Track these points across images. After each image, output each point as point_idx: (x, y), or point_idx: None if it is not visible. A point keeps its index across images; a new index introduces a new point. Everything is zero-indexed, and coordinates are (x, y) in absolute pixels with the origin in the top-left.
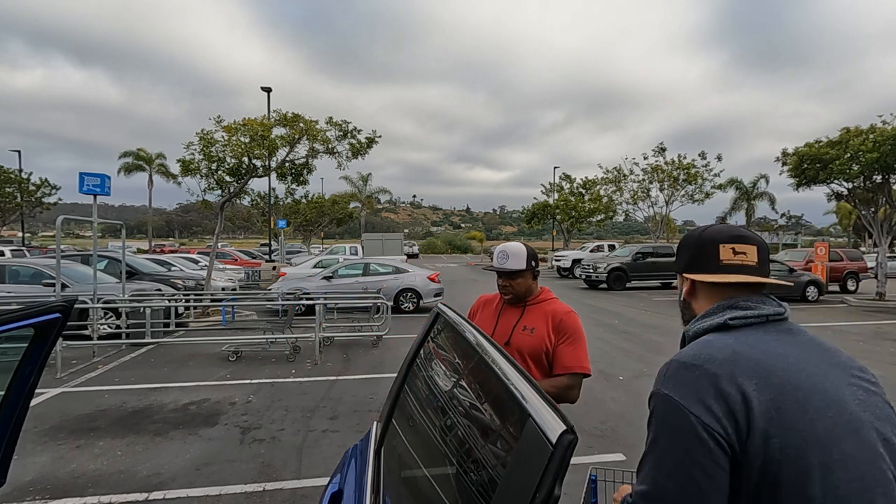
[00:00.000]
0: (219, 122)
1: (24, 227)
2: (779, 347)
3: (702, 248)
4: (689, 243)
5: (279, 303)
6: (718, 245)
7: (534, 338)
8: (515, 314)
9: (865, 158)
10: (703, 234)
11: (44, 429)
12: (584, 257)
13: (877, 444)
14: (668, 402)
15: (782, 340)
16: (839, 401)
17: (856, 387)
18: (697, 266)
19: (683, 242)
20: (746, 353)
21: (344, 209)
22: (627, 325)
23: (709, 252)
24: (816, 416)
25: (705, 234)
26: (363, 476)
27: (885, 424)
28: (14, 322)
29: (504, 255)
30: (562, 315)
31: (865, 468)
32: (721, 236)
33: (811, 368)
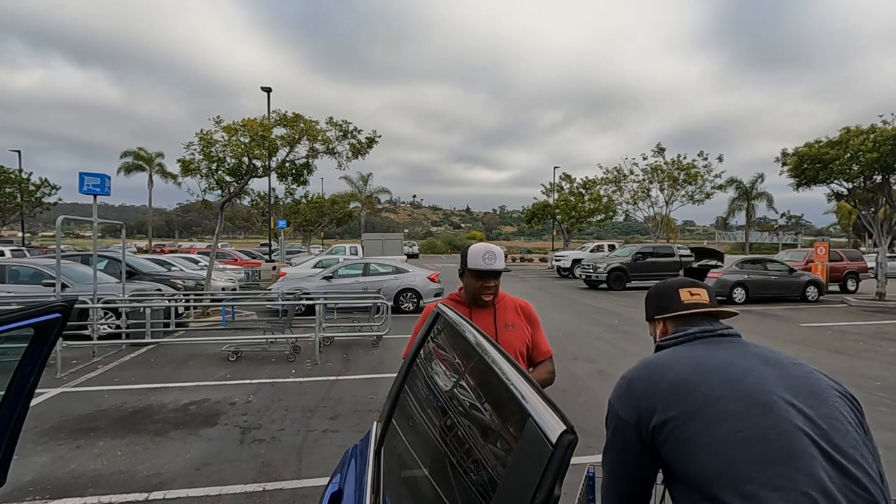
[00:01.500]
0: (218, 123)
1: (24, 227)
2: (695, 351)
3: (665, 295)
4: (654, 294)
5: (279, 303)
6: (678, 290)
7: (517, 332)
8: (488, 314)
9: (865, 158)
10: (664, 285)
11: (44, 429)
12: (584, 257)
13: (779, 407)
14: (609, 405)
15: (704, 348)
16: (741, 377)
17: (776, 371)
18: (664, 308)
19: (649, 296)
20: (659, 361)
21: (344, 209)
22: (627, 325)
23: (671, 296)
24: (708, 390)
25: (667, 285)
26: (363, 476)
27: (798, 395)
28: (14, 322)
29: (492, 256)
30: (525, 306)
31: (760, 422)
32: (679, 283)
33: (721, 360)
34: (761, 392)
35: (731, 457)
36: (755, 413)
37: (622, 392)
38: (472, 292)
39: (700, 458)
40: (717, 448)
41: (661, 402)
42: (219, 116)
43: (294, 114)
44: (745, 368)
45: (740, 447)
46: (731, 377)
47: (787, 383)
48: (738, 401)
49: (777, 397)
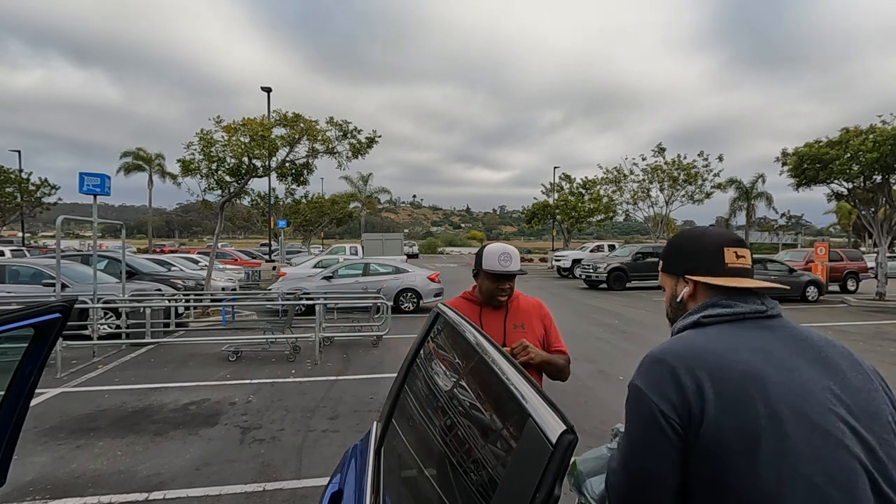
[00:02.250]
0: (218, 123)
1: (24, 227)
2: (747, 342)
3: (705, 250)
4: (688, 245)
5: (279, 303)
6: (723, 248)
7: (527, 334)
8: (499, 315)
9: (865, 158)
10: (705, 237)
11: (44, 429)
12: (584, 257)
13: (841, 435)
14: (637, 391)
15: (755, 336)
16: (804, 394)
17: (836, 382)
18: (703, 268)
19: (680, 244)
20: (708, 348)
21: (344, 209)
22: (627, 325)
23: (713, 254)
24: (771, 405)
25: (708, 237)
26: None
27: (860, 417)
28: (14, 322)
29: (508, 258)
30: (540, 306)
31: (822, 458)
32: (724, 240)
33: (779, 362)
34: (823, 412)
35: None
36: (817, 444)
37: (658, 378)
38: (487, 293)
39: (745, 495)
40: (771, 488)
41: (713, 405)
42: (219, 116)
43: (294, 114)
44: (806, 376)
45: (799, 495)
46: (791, 387)
47: (848, 399)
48: (799, 425)
49: (841, 423)
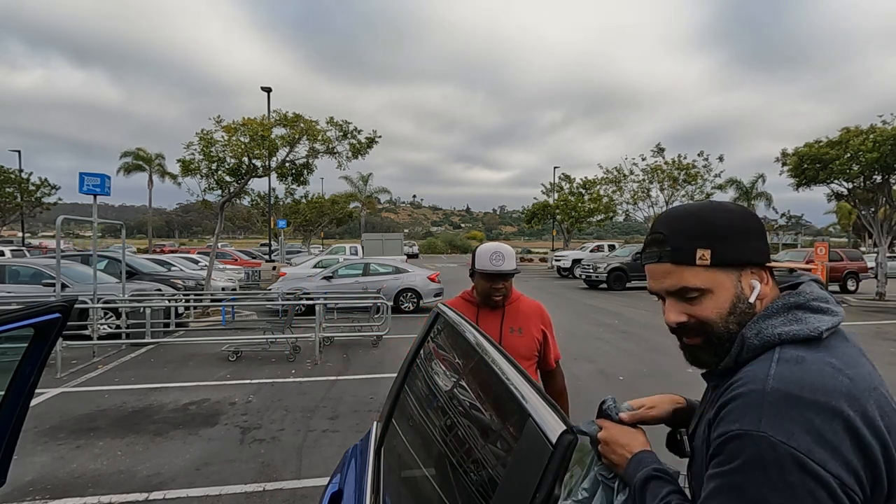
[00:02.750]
0: (219, 123)
1: (24, 227)
2: (866, 363)
3: (762, 230)
4: (747, 222)
5: (279, 303)
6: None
7: (524, 338)
8: (496, 316)
9: (865, 158)
10: (751, 213)
11: (44, 429)
12: (584, 257)
13: None
14: (788, 455)
15: (855, 350)
16: None
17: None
18: (767, 252)
19: (739, 220)
20: (860, 379)
21: (344, 209)
22: (627, 325)
23: (764, 235)
24: None
25: (752, 213)
26: (363, 476)
27: None
28: (14, 322)
29: (500, 257)
30: (541, 310)
31: None
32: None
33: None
34: None
35: None
36: None
37: (832, 436)
38: (482, 293)
39: None
40: None
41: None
42: (219, 116)
43: (294, 114)
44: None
45: None
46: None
47: None
48: None
49: None
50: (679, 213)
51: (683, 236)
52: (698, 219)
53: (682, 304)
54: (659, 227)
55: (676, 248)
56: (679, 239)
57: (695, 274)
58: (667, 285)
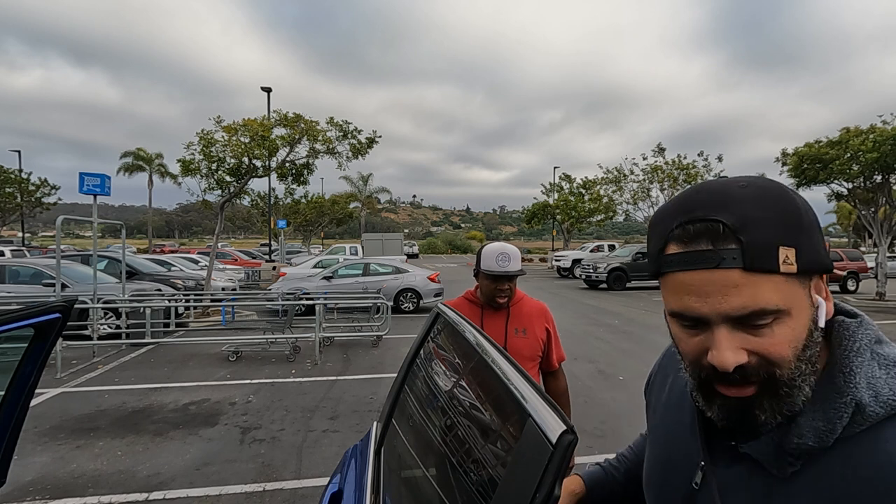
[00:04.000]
0: (219, 123)
1: (24, 227)
2: None
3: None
4: (809, 209)
5: (279, 303)
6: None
7: (528, 339)
8: (500, 317)
9: (865, 158)
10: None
11: (44, 429)
12: (584, 257)
13: None
14: None
15: None
16: None
17: None
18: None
19: (799, 205)
20: None
21: (344, 209)
22: (627, 325)
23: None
24: None
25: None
26: (363, 476)
27: None
28: (14, 322)
29: (506, 258)
30: (545, 311)
31: None
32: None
33: None
34: None
35: None
36: None
37: None
38: (487, 294)
39: None
40: None
41: None
42: (219, 116)
43: (294, 114)
44: None
45: None
46: None
47: None
48: None
49: None
50: (735, 189)
51: (762, 226)
52: (774, 198)
53: (743, 334)
54: (707, 208)
55: (753, 246)
56: (757, 230)
57: (777, 287)
58: (734, 306)
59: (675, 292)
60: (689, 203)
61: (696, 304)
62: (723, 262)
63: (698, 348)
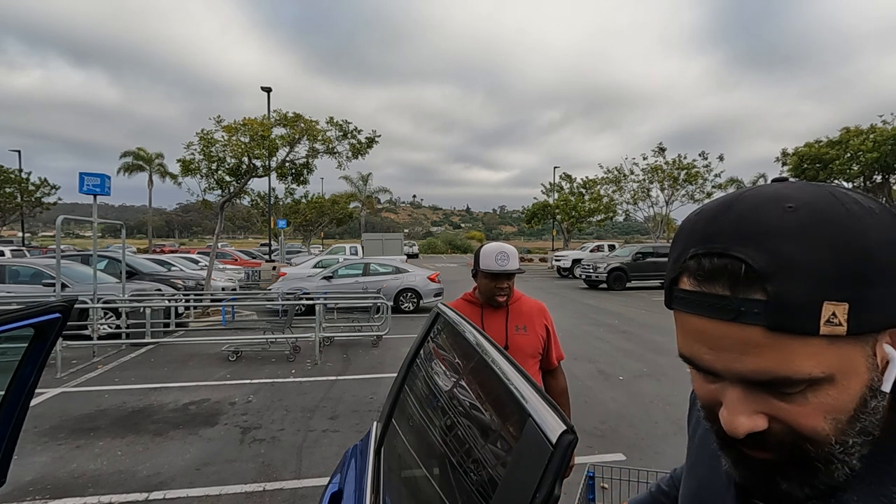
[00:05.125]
0: (219, 122)
1: (24, 227)
2: None
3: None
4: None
5: (279, 303)
6: None
7: (529, 336)
8: (500, 317)
9: (865, 158)
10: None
11: (44, 429)
12: (584, 257)
13: None
14: None
15: None
16: None
17: None
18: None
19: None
20: None
21: (344, 209)
22: (627, 325)
23: None
24: None
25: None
26: (363, 476)
27: None
28: (14, 322)
29: (505, 257)
30: (543, 309)
31: None
32: None
33: None
34: None
35: None
36: None
37: None
38: (486, 293)
39: None
40: None
41: None
42: (219, 116)
43: (294, 113)
44: None
45: None
46: None
47: None
48: None
49: None
50: (776, 213)
51: (802, 273)
52: (831, 232)
53: (766, 396)
54: (730, 239)
55: (783, 300)
56: (791, 278)
57: (813, 352)
58: (751, 369)
59: (684, 335)
60: (714, 225)
61: (706, 357)
62: (741, 315)
63: (712, 397)
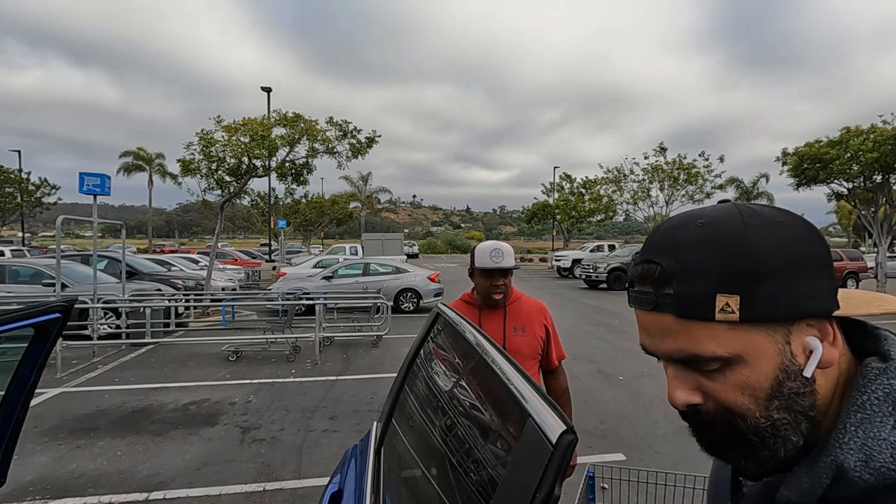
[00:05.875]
0: (219, 122)
1: (24, 227)
2: None
3: (826, 255)
4: (812, 245)
5: (279, 303)
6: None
7: (527, 337)
8: (498, 317)
9: (865, 158)
10: (813, 228)
11: (44, 429)
12: (584, 257)
13: None
14: None
15: None
16: None
17: None
18: (834, 294)
19: (799, 244)
20: None
21: (344, 209)
22: (627, 325)
23: (828, 264)
24: None
25: (813, 230)
26: (363, 476)
27: None
28: (14, 322)
29: (499, 253)
30: (543, 309)
31: None
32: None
33: None
34: None
35: None
36: None
37: None
38: (482, 292)
39: None
40: None
41: None
42: (219, 116)
43: (294, 113)
44: None
45: None
46: None
47: None
48: None
49: None
50: (689, 228)
51: (695, 273)
52: (723, 242)
53: (693, 374)
54: (654, 251)
55: (683, 293)
56: (688, 277)
57: (714, 334)
58: (671, 349)
59: (638, 326)
60: (649, 240)
61: (646, 342)
62: (658, 306)
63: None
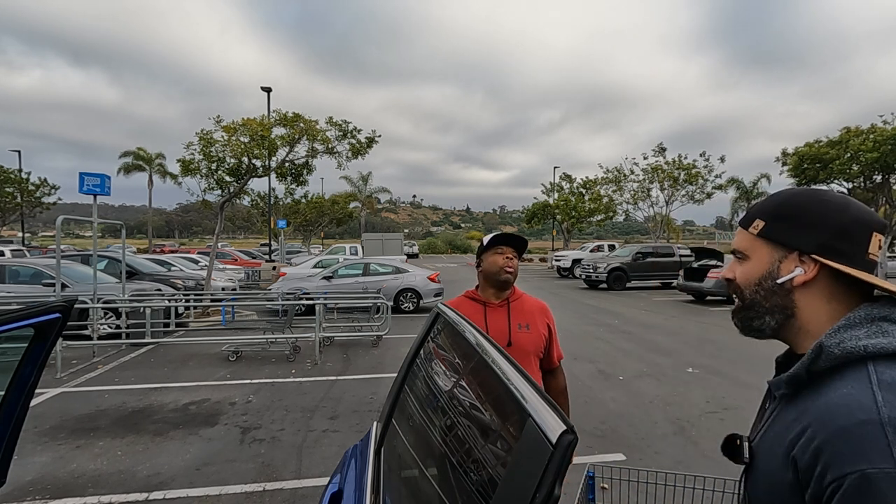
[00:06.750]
0: (218, 122)
1: (24, 227)
2: None
3: (849, 228)
4: (825, 213)
5: (279, 303)
6: (872, 232)
7: (532, 335)
8: (503, 313)
9: (865, 158)
10: (851, 208)
11: (44, 429)
12: (584, 257)
13: None
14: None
15: None
16: None
17: None
18: (839, 252)
19: (807, 205)
20: None
21: (344, 209)
22: (627, 325)
23: (859, 237)
24: None
25: (856, 210)
26: (363, 476)
27: None
28: (14, 322)
29: (507, 233)
30: (545, 309)
31: None
32: (874, 221)
33: None
34: None
35: None
36: None
37: None
38: (493, 272)
39: None
40: None
41: None
42: (219, 116)
43: (294, 113)
44: None
45: None
46: None
47: None
48: None
49: None
50: (780, 192)
51: (758, 207)
52: (782, 197)
53: (735, 263)
54: (757, 205)
55: (748, 214)
56: (755, 208)
57: (743, 237)
58: (733, 243)
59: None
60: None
61: (735, 245)
62: (741, 225)
63: None
